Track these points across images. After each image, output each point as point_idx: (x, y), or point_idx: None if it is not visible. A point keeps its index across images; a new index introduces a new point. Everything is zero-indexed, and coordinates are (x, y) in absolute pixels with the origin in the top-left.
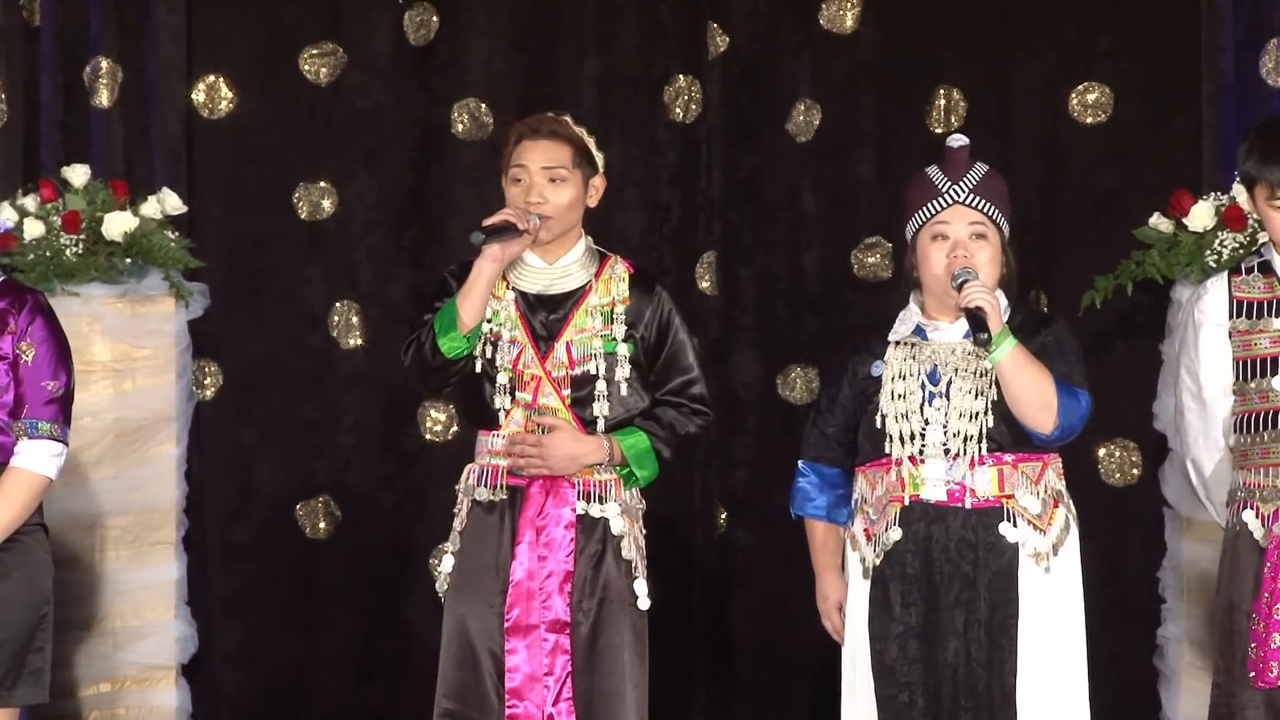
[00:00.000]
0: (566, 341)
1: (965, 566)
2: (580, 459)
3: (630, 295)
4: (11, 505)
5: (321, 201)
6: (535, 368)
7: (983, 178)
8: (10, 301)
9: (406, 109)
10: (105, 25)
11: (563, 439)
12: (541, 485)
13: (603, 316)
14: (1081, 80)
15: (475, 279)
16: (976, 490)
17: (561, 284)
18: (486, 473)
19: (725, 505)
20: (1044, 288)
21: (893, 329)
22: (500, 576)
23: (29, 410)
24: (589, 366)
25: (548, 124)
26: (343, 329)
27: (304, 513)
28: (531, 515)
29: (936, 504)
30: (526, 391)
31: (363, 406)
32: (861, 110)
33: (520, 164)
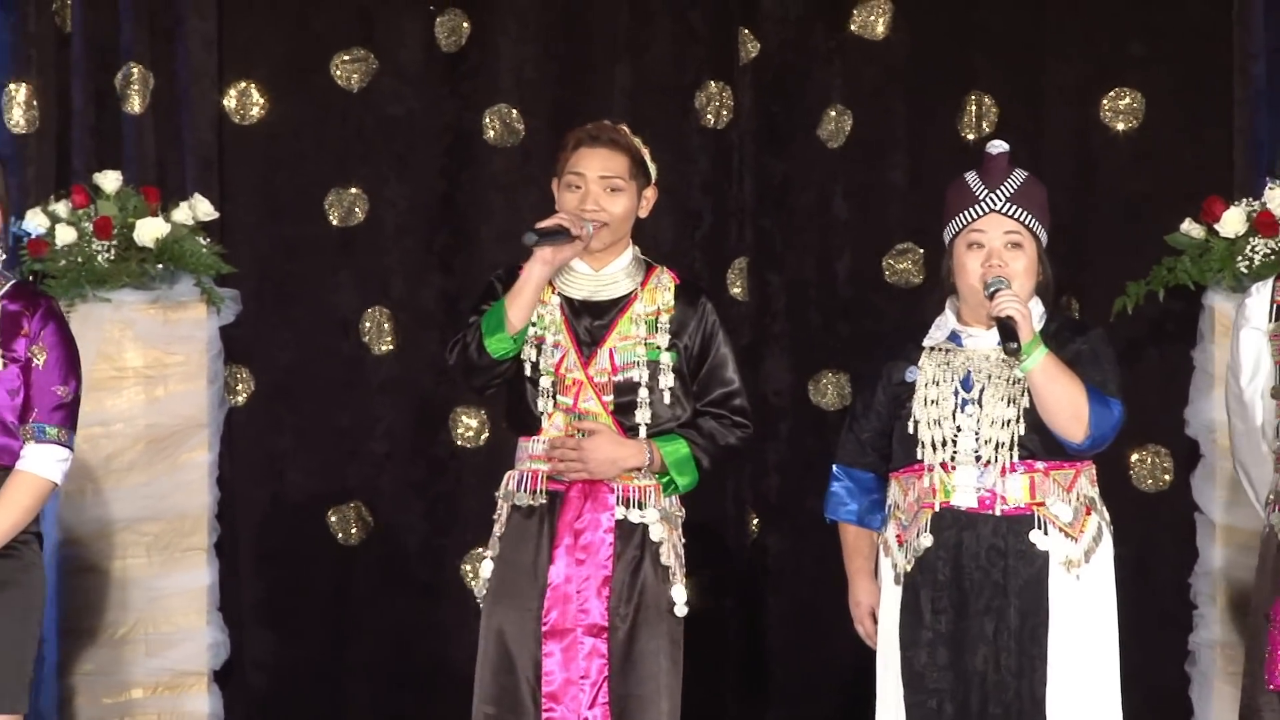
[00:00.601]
0: (610, 348)
1: (995, 574)
2: (620, 462)
3: (675, 305)
4: (16, 509)
5: (353, 207)
6: (578, 372)
7: (1021, 185)
8: (24, 305)
9: (437, 115)
10: (137, 31)
11: (603, 442)
12: (581, 489)
13: (647, 325)
14: (1113, 86)
15: (525, 281)
16: (1007, 497)
17: (607, 291)
18: (526, 478)
19: (757, 511)
20: (1076, 294)
21: (928, 335)
22: (538, 581)
23: (37, 414)
24: (632, 374)
25: (607, 132)
26: (374, 335)
27: (336, 519)
28: (570, 519)
29: (967, 511)
30: (568, 395)
31: (394, 412)
32: (893, 116)
33: (578, 171)
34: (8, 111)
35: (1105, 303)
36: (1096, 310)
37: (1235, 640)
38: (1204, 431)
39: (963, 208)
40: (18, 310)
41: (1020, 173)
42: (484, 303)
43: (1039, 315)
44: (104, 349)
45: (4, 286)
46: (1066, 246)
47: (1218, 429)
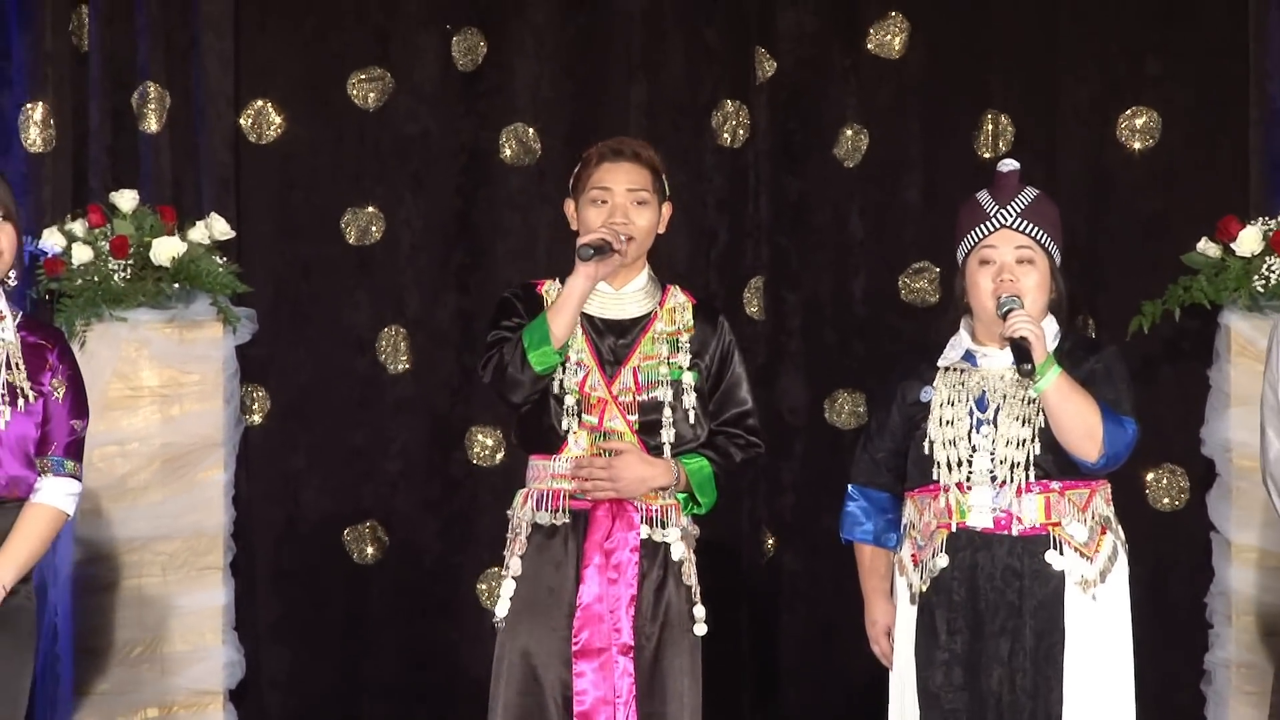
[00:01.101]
0: (634, 367)
1: (1011, 594)
2: (649, 481)
3: (695, 325)
4: (35, 540)
5: (369, 226)
6: (602, 391)
7: (1031, 202)
8: (42, 337)
9: (454, 134)
10: (153, 51)
11: (632, 461)
12: (608, 509)
13: (669, 344)
14: (1129, 105)
15: (569, 295)
16: (1023, 518)
17: (628, 310)
18: (548, 496)
19: (773, 530)
20: (1091, 313)
21: (943, 354)
22: (566, 600)
23: (55, 448)
24: (656, 393)
25: (630, 145)
26: (390, 354)
27: (351, 538)
28: (599, 539)
29: (983, 531)
30: (593, 414)
31: (410, 431)
32: (909, 135)
33: (604, 186)
34: (24, 131)
35: (1121, 322)
36: (1112, 329)
37: (1251, 660)
38: (1220, 451)
39: (973, 225)
40: (38, 343)
41: (1031, 190)
42: (503, 320)
43: (1053, 333)
44: (120, 368)
45: (16, 316)
46: (1082, 265)
47: (1234, 448)
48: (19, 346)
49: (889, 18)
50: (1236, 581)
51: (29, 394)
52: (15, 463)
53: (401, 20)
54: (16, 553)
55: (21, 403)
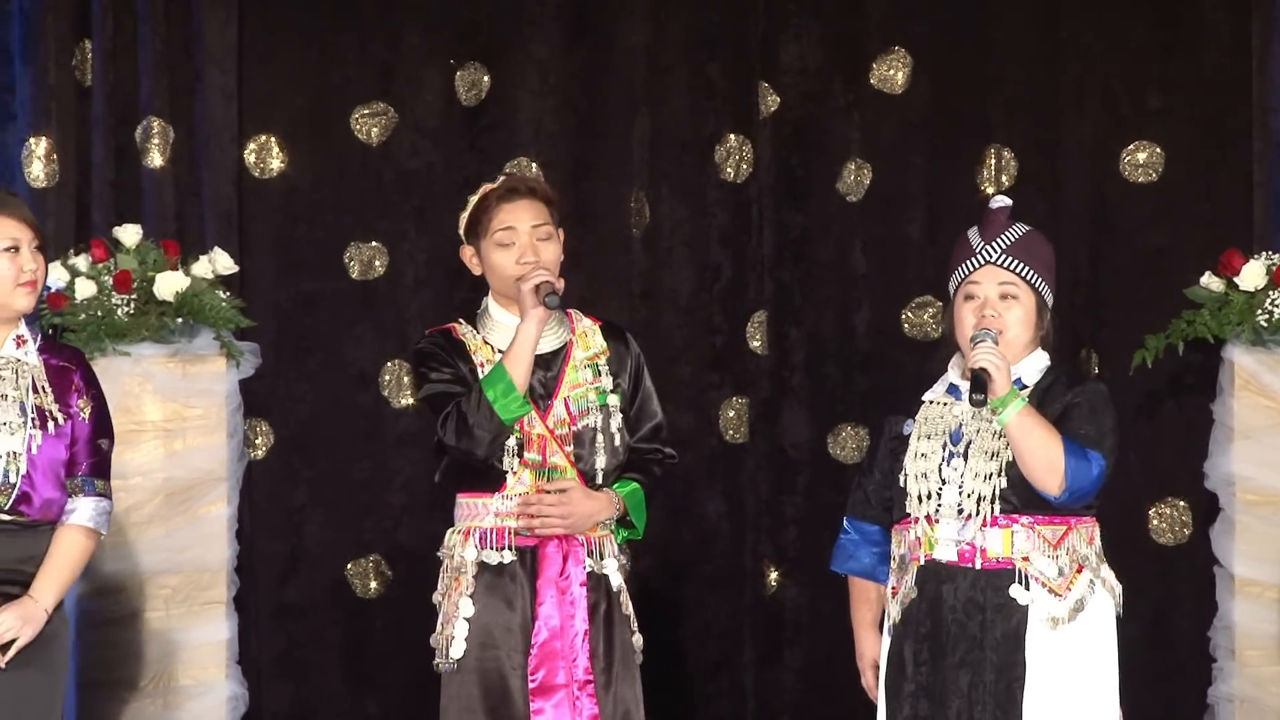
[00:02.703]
0: (564, 398)
1: (973, 627)
2: (596, 515)
3: (608, 346)
4: (71, 564)
5: (373, 261)
6: (539, 426)
7: (1019, 239)
8: (66, 359)
9: (457, 169)
10: (156, 86)
11: (579, 497)
12: (557, 545)
13: (591, 369)
14: (1132, 140)
15: (526, 341)
16: (988, 551)
17: (547, 342)
18: (492, 534)
19: (775, 564)
20: (1094, 347)
21: (931, 389)
22: (521, 638)
23: (84, 468)
24: (588, 420)
25: (525, 182)
26: (393, 388)
27: (355, 572)
28: (552, 575)
29: (948, 564)
30: (534, 451)
31: (413, 465)
32: (912, 169)
33: (508, 226)
34: (27, 165)
35: (1124, 356)
36: (1115, 363)
37: (1255, 695)
38: (1223, 485)
39: (961, 261)
40: (62, 365)
41: (1021, 226)
42: (433, 374)
43: (1039, 368)
44: (123, 402)
45: (36, 339)
46: (1085, 299)
47: (1237, 482)
48: (44, 370)
49: (892, 52)
50: (1240, 615)
51: (58, 416)
52: (49, 486)
53: (405, 55)
54: (55, 577)
55: (52, 425)
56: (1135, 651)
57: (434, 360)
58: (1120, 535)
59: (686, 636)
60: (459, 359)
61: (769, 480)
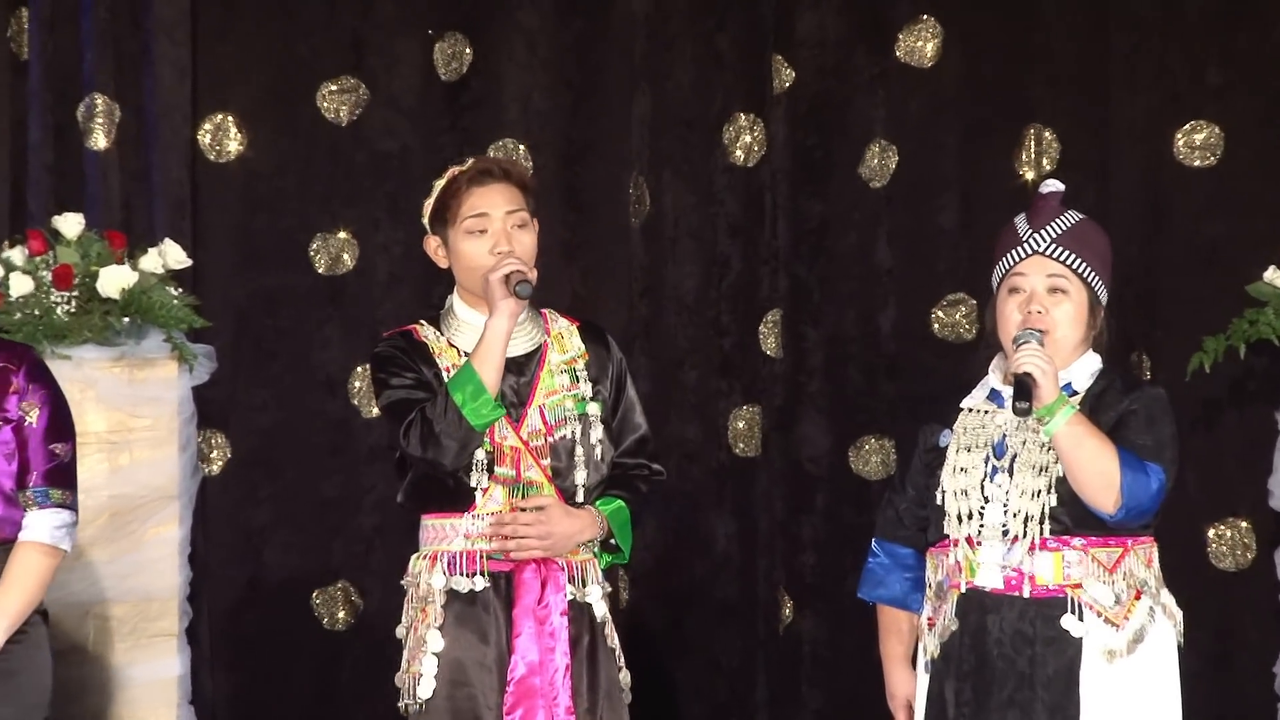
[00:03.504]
0: (539, 406)
1: (1021, 663)
2: (577, 536)
3: (587, 348)
4: (29, 586)
5: (341, 254)
6: (512, 438)
7: (1071, 227)
8: (7, 357)
9: (436, 151)
10: (101, 59)
11: (557, 515)
12: (535, 570)
13: (568, 374)
14: (1188, 119)
15: (495, 338)
16: (1036, 577)
17: (519, 344)
18: (461, 559)
19: (791, 592)
20: (1147, 350)
21: (969, 395)
22: (496, 674)
23: (36, 478)
24: (565, 431)
25: (498, 164)
26: (365, 396)
27: (321, 601)
28: (530, 604)
29: (992, 592)
30: (506, 465)
31: (386, 482)
32: (943, 152)
33: (480, 213)
34: None
35: (1180, 359)
36: (1170, 368)
37: None
38: None
39: (1006, 250)
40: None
41: (1074, 214)
42: (393, 380)
43: (1090, 372)
44: None
45: None
46: (1136, 297)
47: None
48: None
49: (920, 21)
50: None
51: None
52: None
53: (378, 25)
54: (6, 603)
55: None
56: (1193, 688)
57: (393, 365)
58: (1176, 559)
59: (692, 674)
60: (421, 363)
61: (784, 498)
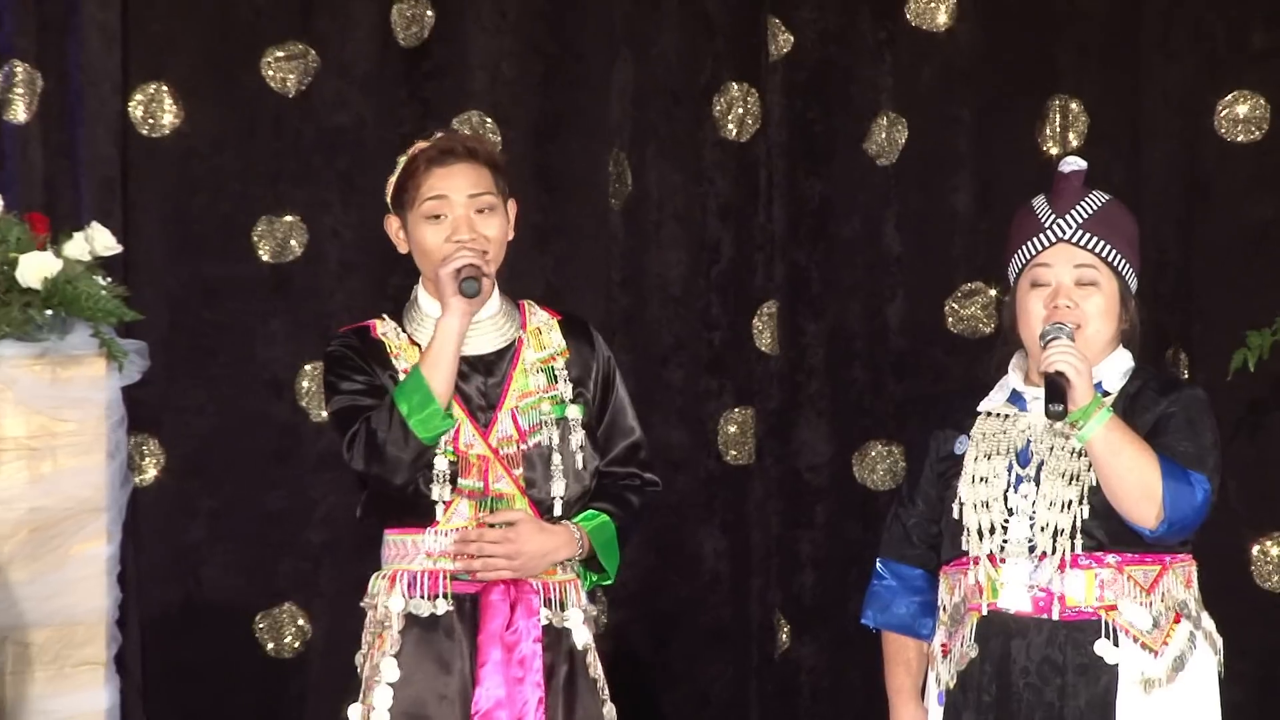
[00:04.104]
0: (511, 410)
1: (1049, 693)
2: (551, 555)
3: (568, 344)
4: None
5: (288, 240)
6: (480, 446)
7: (1098, 210)
8: None
9: (393, 125)
10: (21, 22)
11: (529, 532)
12: (503, 591)
13: (545, 374)
14: (1230, 89)
15: (446, 340)
16: (1067, 598)
17: (488, 340)
18: (422, 579)
19: (788, 616)
20: (1184, 346)
21: (987, 397)
22: (459, 708)
23: None
24: (540, 438)
25: (461, 142)
26: (314, 397)
27: (265, 626)
28: (497, 630)
29: (1017, 614)
30: (472, 477)
31: (338, 493)
32: (958, 126)
33: (438, 195)
34: None
35: (1221, 357)
36: (1210, 365)
37: None
38: None
39: (1026, 238)
40: None
41: (1100, 195)
42: (343, 383)
43: (1122, 371)
44: None
45: None
46: (1173, 287)
47: None
48: None
49: None
50: None
51: None
52: None
53: None
54: None
55: None
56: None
57: (342, 366)
58: (1216, 578)
59: (678, 707)
60: (375, 364)
61: (780, 511)
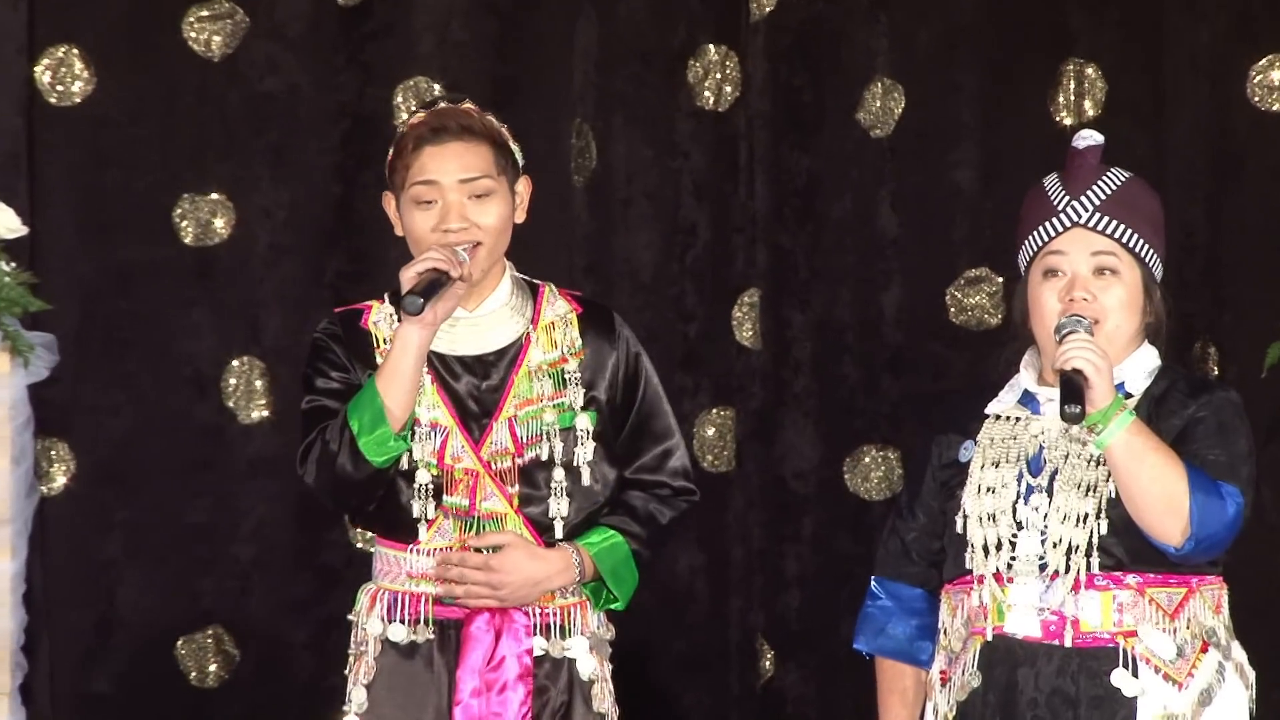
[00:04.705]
0: (509, 419)
1: None
2: (542, 584)
3: (585, 342)
4: None
5: (212, 220)
6: (469, 460)
7: (1117, 190)
8: None
9: (330, 92)
10: None
11: (517, 559)
12: (487, 619)
13: (552, 379)
14: (1265, 53)
15: (401, 354)
16: (1081, 622)
17: (489, 338)
18: (402, 602)
19: (772, 642)
20: (1213, 340)
21: (996, 398)
22: None
23: None
24: (540, 450)
25: (454, 118)
26: (242, 397)
27: (187, 652)
28: (475, 663)
29: (1025, 640)
30: (458, 494)
31: (269, 504)
32: (961, 94)
33: (426, 179)
34: None
35: (1254, 351)
36: (1241, 361)
37: None
38: None
39: (1037, 223)
40: None
41: (1119, 173)
42: (318, 379)
43: (1147, 370)
44: None
45: None
46: (1200, 274)
47: None
48: None
49: None
50: None
51: None
52: None
53: None
54: None
55: None
56: None
57: (320, 359)
58: (1247, 603)
59: None
60: (357, 360)
61: (763, 524)
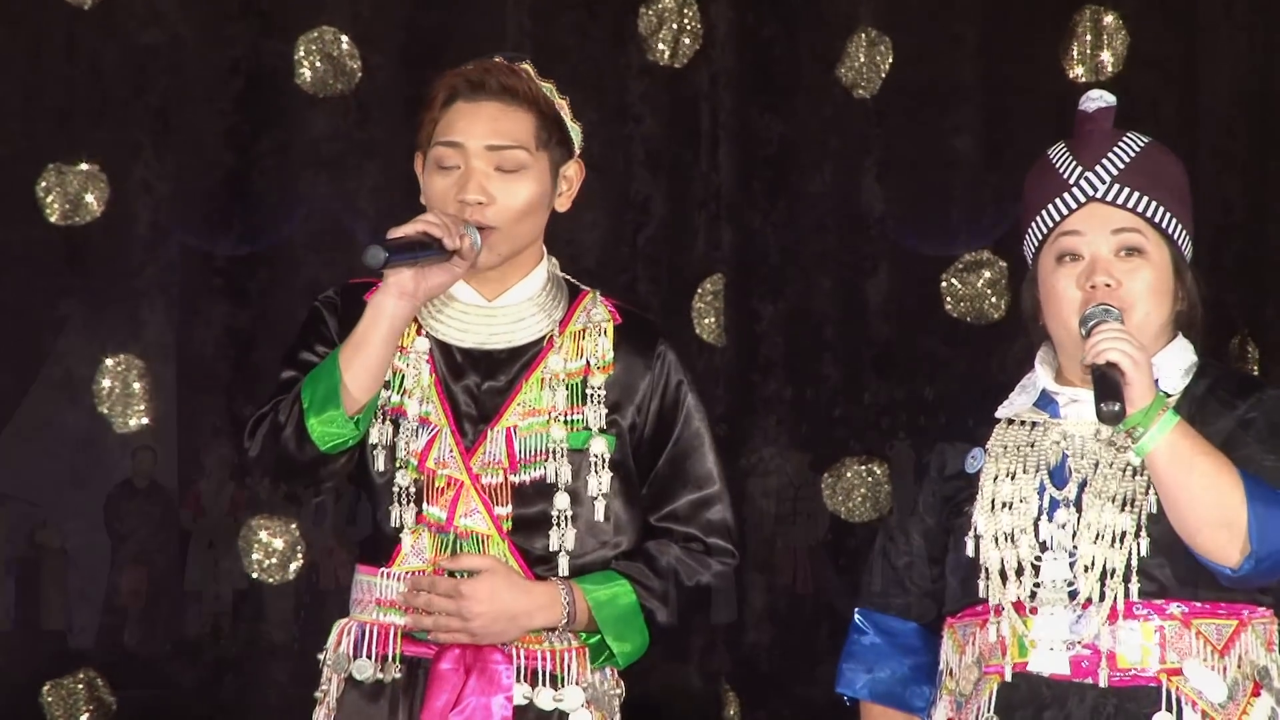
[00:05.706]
0: (508, 427)
1: None
2: (521, 620)
3: (616, 357)
4: None
5: (83, 196)
6: (456, 467)
7: (1136, 157)
8: None
9: (220, 46)
10: None
11: (494, 587)
12: (458, 658)
13: (569, 390)
14: None
15: (370, 325)
16: (1119, 658)
17: (508, 334)
18: (370, 635)
19: (736, 686)
20: (1251, 332)
21: (1007, 400)
22: None
23: None
24: (542, 470)
25: (498, 75)
26: (117, 401)
27: (55, 698)
28: (441, 708)
29: (1053, 679)
30: (439, 504)
31: (150, 526)
32: (958, 47)
33: (450, 140)
34: None
35: None
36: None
37: None
38: None
39: (1047, 199)
40: None
41: (1136, 137)
42: (301, 350)
43: (1183, 366)
44: None
45: None
46: (1237, 255)
47: None
48: None
49: None
50: None
51: None
52: None
53: None
54: None
55: None
56: None
57: (307, 330)
58: None
59: None
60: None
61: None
